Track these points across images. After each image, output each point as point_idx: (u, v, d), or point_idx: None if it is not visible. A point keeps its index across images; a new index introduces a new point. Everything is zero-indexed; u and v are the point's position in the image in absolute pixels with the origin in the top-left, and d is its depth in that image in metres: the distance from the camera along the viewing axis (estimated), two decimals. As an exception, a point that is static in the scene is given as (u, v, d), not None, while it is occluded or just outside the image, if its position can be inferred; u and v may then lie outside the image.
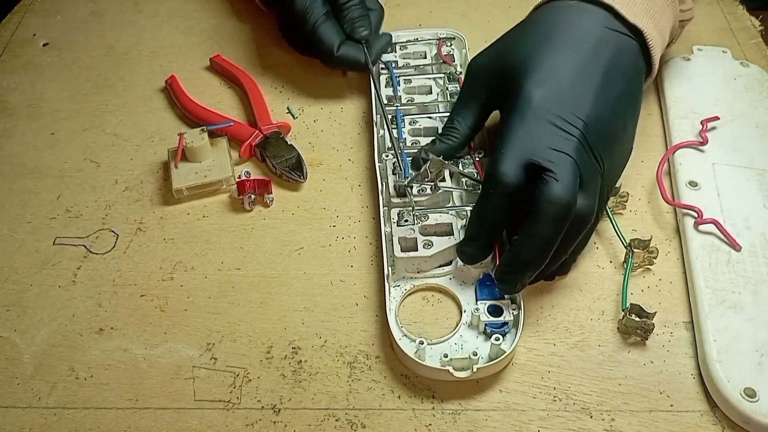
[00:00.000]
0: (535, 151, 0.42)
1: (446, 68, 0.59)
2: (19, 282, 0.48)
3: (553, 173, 0.41)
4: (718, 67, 0.60)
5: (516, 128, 0.43)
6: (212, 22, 0.69)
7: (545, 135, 0.43)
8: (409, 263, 0.46)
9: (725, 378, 0.40)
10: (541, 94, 0.44)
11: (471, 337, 0.43)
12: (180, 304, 0.46)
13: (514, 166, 0.42)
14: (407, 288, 0.46)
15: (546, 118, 0.43)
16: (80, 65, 0.65)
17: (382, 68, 0.60)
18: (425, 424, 0.40)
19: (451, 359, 0.41)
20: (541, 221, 0.41)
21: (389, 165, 0.50)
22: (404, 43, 0.62)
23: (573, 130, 0.43)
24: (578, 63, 0.45)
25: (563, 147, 0.42)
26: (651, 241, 0.46)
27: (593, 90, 0.45)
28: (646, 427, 0.40)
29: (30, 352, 0.44)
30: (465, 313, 0.44)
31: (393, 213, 0.48)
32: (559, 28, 0.47)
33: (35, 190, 0.54)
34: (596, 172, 0.43)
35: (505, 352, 0.41)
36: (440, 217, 0.47)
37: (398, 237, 0.46)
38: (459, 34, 0.62)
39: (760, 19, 0.67)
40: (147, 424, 0.41)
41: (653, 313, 0.43)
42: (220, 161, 0.54)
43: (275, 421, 0.41)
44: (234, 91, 0.62)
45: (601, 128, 0.44)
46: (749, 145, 0.53)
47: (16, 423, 0.41)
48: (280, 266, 0.48)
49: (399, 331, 0.43)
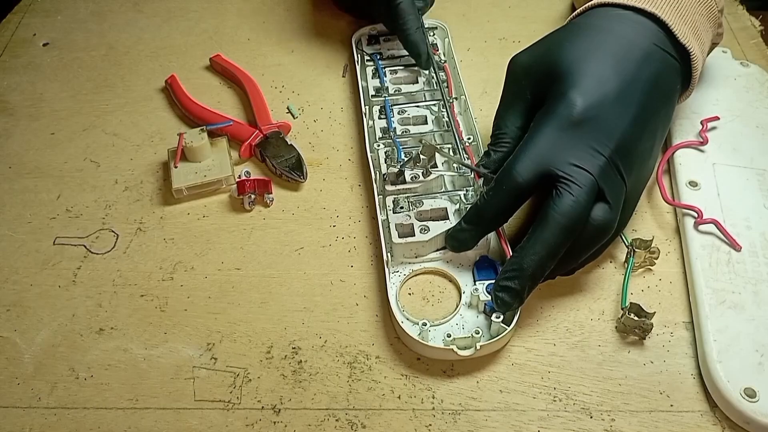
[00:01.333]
0: (557, 161, 0.42)
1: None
2: (19, 282, 0.48)
3: (569, 187, 0.41)
4: (718, 67, 0.60)
5: (547, 133, 0.43)
6: (212, 22, 0.69)
7: (573, 148, 0.42)
8: (407, 248, 0.46)
9: (725, 378, 0.40)
10: (583, 106, 0.43)
11: (471, 317, 0.44)
12: (180, 304, 0.46)
13: (531, 170, 0.42)
14: (406, 273, 0.47)
15: (582, 130, 0.43)
16: (80, 65, 0.65)
17: (367, 60, 0.60)
18: (425, 424, 0.40)
19: (454, 339, 0.42)
20: (549, 230, 0.41)
21: (381, 154, 0.51)
22: (388, 35, 0.63)
23: (604, 149, 0.42)
24: (623, 79, 0.44)
25: (588, 164, 0.42)
26: (652, 242, 0.46)
27: (632, 111, 0.44)
28: (646, 427, 0.40)
29: (30, 352, 0.44)
30: (464, 294, 0.45)
31: (388, 201, 0.48)
32: (609, 38, 0.46)
33: (35, 190, 0.54)
34: (621, 189, 0.43)
35: (507, 329, 0.42)
36: (435, 202, 0.48)
37: (395, 223, 0.47)
38: (441, 23, 0.63)
39: (760, 19, 0.67)
40: (147, 424, 0.41)
41: (652, 313, 0.43)
42: (219, 161, 0.54)
43: (275, 421, 0.41)
44: (234, 91, 0.62)
45: (632, 149, 0.44)
46: (749, 145, 0.53)
47: (16, 423, 0.41)
48: (280, 266, 0.48)
49: (401, 315, 0.44)
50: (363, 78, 0.59)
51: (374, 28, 0.63)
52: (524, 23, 0.68)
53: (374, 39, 0.63)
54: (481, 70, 0.62)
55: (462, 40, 0.63)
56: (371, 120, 0.55)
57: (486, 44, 0.66)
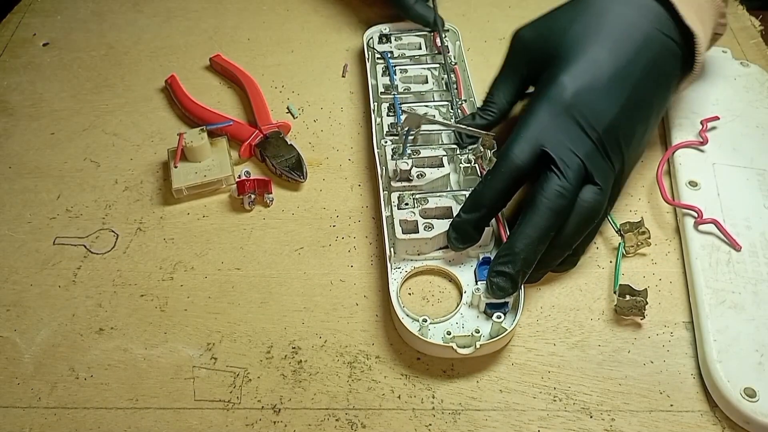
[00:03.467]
0: (549, 143, 0.43)
1: (441, 59, 0.59)
2: (19, 282, 0.48)
3: (558, 169, 0.42)
4: (718, 67, 0.60)
5: (540, 116, 0.44)
6: (212, 22, 0.69)
7: (565, 131, 0.43)
8: (410, 245, 0.46)
9: (725, 378, 0.40)
10: (574, 89, 0.44)
11: (472, 317, 0.44)
12: (180, 304, 0.46)
13: (527, 151, 0.43)
14: (408, 270, 0.46)
15: (572, 114, 0.44)
16: (80, 65, 0.65)
17: (378, 59, 0.60)
18: (425, 424, 0.40)
19: (453, 336, 0.42)
20: (538, 213, 0.42)
21: (388, 151, 0.51)
22: (398, 34, 0.63)
23: (593, 133, 0.43)
24: (618, 63, 0.45)
25: (577, 147, 0.43)
26: (642, 223, 0.46)
27: (625, 95, 0.45)
28: (646, 427, 0.40)
29: (30, 352, 0.44)
30: (465, 293, 0.45)
31: (393, 197, 0.48)
32: (608, 20, 0.47)
33: (35, 190, 0.54)
34: (610, 172, 0.44)
35: (507, 330, 0.42)
36: (440, 200, 0.48)
37: (399, 219, 0.47)
38: (453, 26, 0.63)
39: (760, 19, 0.67)
40: (147, 424, 0.41)
41: (644, 289, 0.43)
42: (219, 161, 0.54)
43: (275, 421, 0.41)
44: (234, 91, 0.62)
45: (623, 133, 0.44)
46: (749, 145, 0.53)
47: (16, 423, 0.41)
48: (280, 266, 0.48)
49: (401, 311, 0.44)
50: (373, 76, 0.59)
51: (385, 27, 0.64)
52: (524, 23, 0.68)
53: (386, 38, 0.63)
54: (481, 70, 0.62)
55: (462, 40, 0.63)
56: (379, 117, 0.55)
57: (486, 44, 0.66)
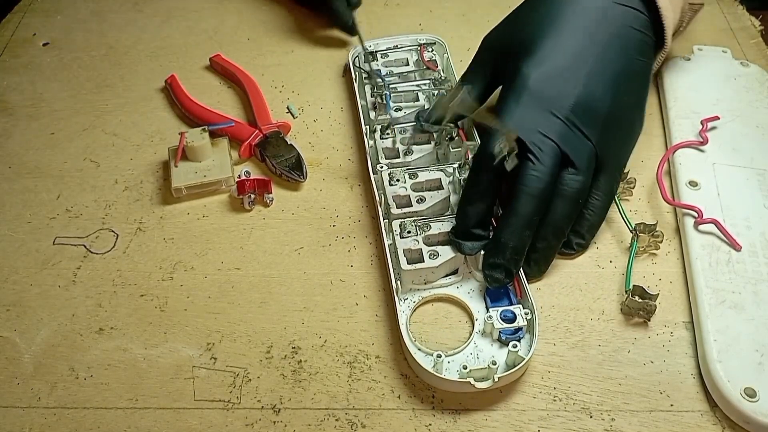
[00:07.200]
0: (522, 130, 0.43)
1: (430, 74, 0.57)
2: (19, 282, 0.48)
3: (533, 155, 0.43)
4: (718, 67, 0.60)
5: (510, 109, 0.45)
6: (212, 22, 0.69)
7: (534, 118, 0.44)
8: (416, 275, 0.45)
9: (725, 378, 0.40)
10: (536, 77, 0.45)
11: (486, 346, 0.43)
12: (180, 304, 0.46)
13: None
14: (416, 300, 0.45)
15: (537, 100, 0.44)
16: (80, 65, 0.65)
17: (366, 78, 0.58)
18: (425, 424, 0.40)
19: (470, 371, 0.40)
20: (518, 201, 0.43)
21: (385, 177, 0.49)
22: (384, 51, 0.60)
23: (561, 111, 0.44)
24: (578, 41, 0.46)
25: (547, 130, 0.43)
26: (657, 226, 0.47)
27: (588, 68, 0.45)
28: (646, 427, 0.40)
29: (30, 352, 0.44)
30: (477, 321, 0.44)
31: (395, 225, 0.46)
32: (564, 5, 0.47)
33: (35, 190, 0.54)
34: (586, 149, 0.44)
35: (524, 359, 0.40)
36: (443, 225, 0.46)
37: (402, 249, 0.45)
38: (439, 39, 0.61)
39: (760, 19, 0.67)
40: (147, 424, 0.41)
41: (656, 294, 0.43)
42: (220, 161, 0.54)
43: (275, 421, 0.41)
44: (234, 91, 0.62)
45: (593, 106, 0.45)
46: (749, 145, 0.53)
47: (16, 423, 0.41)
48: (280, 266, 0.48)
49: (413, 346, 0.42)
50: (362, 96, 0.57)
51: (369, 44, 0.61)
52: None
53: (372, 56, 0.59)
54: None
55: (462, 40, 0.63)
56: (371, 140, 0.53)
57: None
